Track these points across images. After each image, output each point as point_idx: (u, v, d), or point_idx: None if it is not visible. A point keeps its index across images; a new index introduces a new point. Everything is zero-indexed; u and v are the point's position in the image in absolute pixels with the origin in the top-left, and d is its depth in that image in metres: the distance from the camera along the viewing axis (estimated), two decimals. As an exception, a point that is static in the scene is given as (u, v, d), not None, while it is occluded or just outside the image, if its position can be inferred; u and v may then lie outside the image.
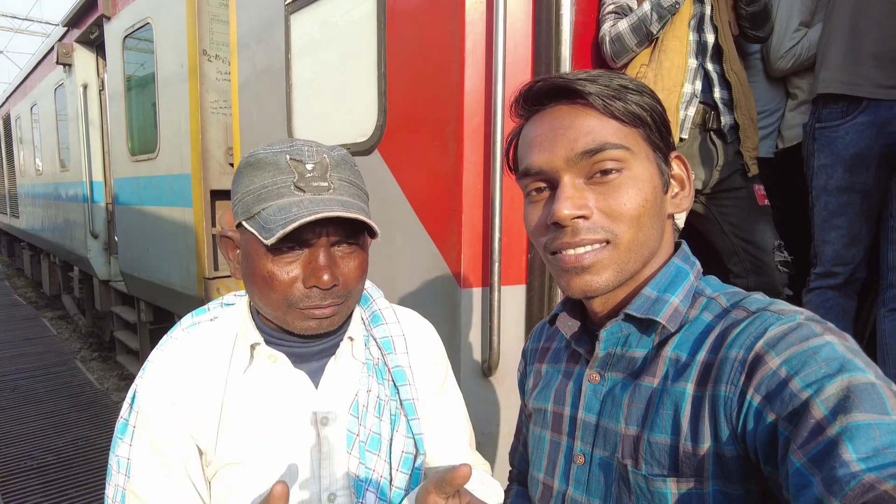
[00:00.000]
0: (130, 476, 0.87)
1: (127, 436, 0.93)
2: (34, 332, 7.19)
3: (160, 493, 0.84)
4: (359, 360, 0.91)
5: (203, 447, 0.84)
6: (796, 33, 2.08)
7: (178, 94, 3.58)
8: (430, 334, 1.02)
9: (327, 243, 0.79)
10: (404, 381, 0.91)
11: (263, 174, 0.78)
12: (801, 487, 0.49)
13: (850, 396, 0.50)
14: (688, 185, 0.75)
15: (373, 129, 1.97)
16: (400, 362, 0.91)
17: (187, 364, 0.87)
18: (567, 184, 0.68)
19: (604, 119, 0.68)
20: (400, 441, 0.89)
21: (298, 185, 0.77)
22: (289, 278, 0.78)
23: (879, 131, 1.71)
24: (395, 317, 0.97)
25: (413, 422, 0.90)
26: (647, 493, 0.65)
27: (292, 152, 0.78)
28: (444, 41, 1.68)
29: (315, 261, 0.78)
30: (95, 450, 3.90)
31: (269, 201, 0.76)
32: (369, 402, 0.88)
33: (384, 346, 0.92)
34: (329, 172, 0.79)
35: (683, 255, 0.75)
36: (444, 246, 1.73)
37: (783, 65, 2.12)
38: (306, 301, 0.79)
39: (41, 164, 7.72)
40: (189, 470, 0.85)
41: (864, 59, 1.73)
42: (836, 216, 1.79)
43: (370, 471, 0.86)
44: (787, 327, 0.59)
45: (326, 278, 0.77)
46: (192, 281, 3.57)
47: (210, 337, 0.90)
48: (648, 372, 0.69)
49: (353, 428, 0.86)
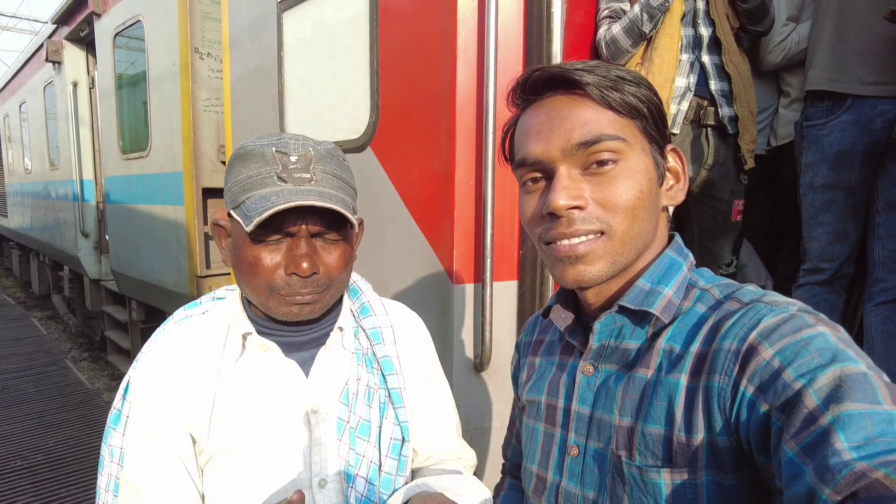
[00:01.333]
0: (124, 465, 0.88)
1: (120, 426, 0.94)
2: (23, 332, 7.12)
3: (153, 482, 0.85)
4: (348, 350, 0.93)
5: (196, 435, 0.86)
6: (784, 27, 2.09)
7: (169, 92, 3.56)
8: (418, 326, 1.05)
9: (307, 233, 0.82)
10: (392, 371, 0.93)
11: (250, 165, 0.81)
12: (793, 476, 0.50)
13: (843, 386, 0.51)
14: (683, 178, 0.75)
15: (365, 127, 1.97)
16: (388, 352, 0.94)
17: (180, 354, 0.89)
18: (563, 174, 0.68)
19: (601, 110, 0.68)
20: (388, 428, 0.92)
21: (281, 176, 0.80)
22: (271, 265, 0.82)
23: (863, 129, 1.74)
24: (384, 308, 0.99)
25: (399, 410, 0.92)
26: (640, 483, 0.66)
27: (278, 145, 0.82)
28: (436, 39, 1.69)
29: (295, 249, 0.81)
30: (86, 449, 3.87)
31: (252, 191, 0.80)
32: (359, 391, 0.90)
33: (373, 336, 0.94)
34: (313, 165, 0.82)
35: (677, 247, 0.75)
36: (436, 242, 1.74)
37: (773, 59, 2.13)
38: (287, 288, 0.82)
39: (30, 163, 7.64)
40: (183, 459, 0.86)
41: (849, 55, 1.75)
42: (822, 213, 1.82)
43: (360, 457, 0.88)
44: (781, 318, 0.59)
45: (305, 266, 0.80)
46: (185, 279, 3.56)
47: (202, 328, 0.92)
48: (642, 363, 0.69)
49: (343, 415, 0.89)
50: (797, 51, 2.07)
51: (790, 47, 2.08)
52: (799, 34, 2.07)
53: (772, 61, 2.13)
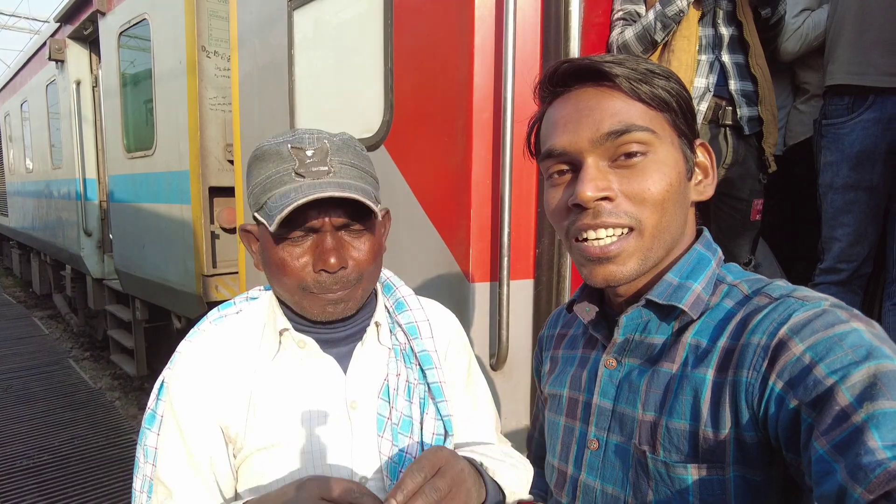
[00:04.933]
0: (157, 465, 0.87)
1: (155, 426, 0.93)
2: (25, 332, 7.10)
3: (185, 482, 0.84)
4: (385, 346, 0.93)
5: (232, 435, 0.85)
6: (798, 17, 2.07)
7: (175, 91, 3.55)
8: (453, 321, 1.04)
9: (332, 227, 0.80)
10: (431, 365, 0.92)
11: (268, 165, 0.81)
12: (824, 474, 0.49)
13: (877, 384, 0.50)
14: (711, 172, 0.75)
15: (379, 125, 1.97)
16: (426, 346, 0.93)
17: (215, 354, 0.88)
18: (591, 165, 0.67)
19: (630, 102, 0.67)
20: (430, 423, 0.91)
21: (298, 172, 0.79)
22: (299, 264, 0.81)
23: (886, 128, 1.71)
24: (419, 304, 0.98)
25: (441, 404, 0.91)
26: (667, 479, 0.65)
27: (293, 141, 0.81)
28: (452, 36, 1.68)
29: (322, 245, 0.80)
30: (91, 449, 3.86)
31: (272, 190, 0.79)
32: (399, 386, 0.90)
33: (409, 331, 0.93)
34: (329, 157, 0.81)
35: (706, 242, 0.74)
36: (452, 241, 1.73)
37: (790, 47, 2.09)
38: (318, 286, 0.81)
39: (32, 162, 7.62)
40: (214, 461, 0.85)
41: (871, 47, 1.71)
42: (843, 214, 1.80)
43: (403, 453, 0.87)
44: (812, 313, 0.58)
45: (333, 261, 0.79)
46: (191, 278, 3.55)
47: (237, 327, 0.91)
48: (667, 358, 0.69)
49: (384, 411, 0.88)
50: (814, 36, 2.04)
51: (806, 33, 2.05)
52: (814, 20, 2.04)
53: (789, 49, 2.10)
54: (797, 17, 2.08)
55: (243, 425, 0.84)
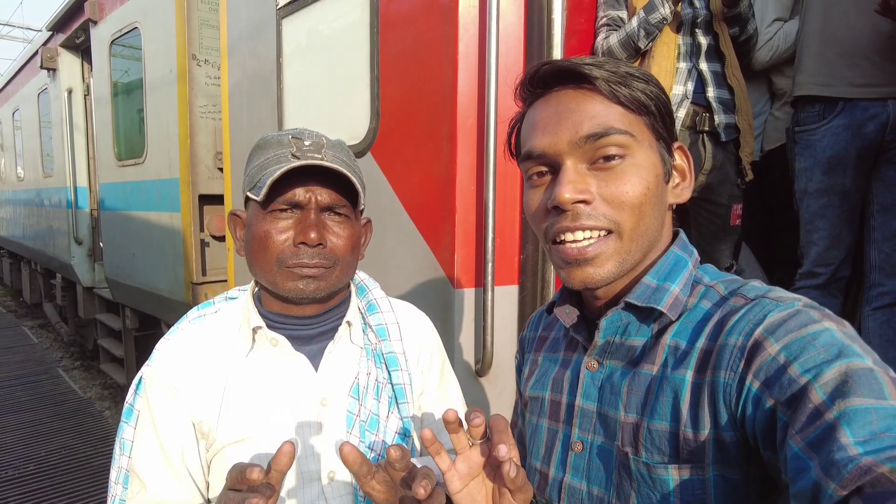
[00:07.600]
0: (132, 457, 0.90)
1: (132, 419, 0.96)
2: (15, 341, 7.05)
3: (158, 475, 0.87)
4: (357, 345, 0.96)
5: (205, 430, 0.88)
6: (770, 27, 2.12)
7: (166, 99, 3.55)
8: (425, 324, 1.07)
9: (316, 205, 0.86)
10: (396, 367, 0.95)
11: (267, 151, 0.88)
12: (799, 471, 0.50)
13: (849, 381, 0.51)
14: (689, 176, 0.75)
15: (365, 132, 1.98)
16: (393, 349, 0.96)
17: (192, 351, 0.91)
18: (569, 167, 0.67)
19: (609, 104, 0.67)
20: (394, 422, 0.94)
21: (295, 155, 0.86)
22: (281, 238, 0.86)
23: (855, 133, 1.74)
24: (391, 306, 1.01)
25: (402, 405, 0.94)
26: (648, 479, 0.66)
27: (294, 133, 0.89)
28: (437, 45, 1.70)
29: (305, 220, 0.86)
30: (79, 459, 3.82)
31: (268, 168, 0.86)
32: (369, 384, 0.93)
33: (379, 332, 0.96)
34: (325, 149, 0.88)
35: (682, 244, 0.75)
36: (437, 247, 1.74)
37: (762, 57, 2.14)
38: (294, 259, 0.86)
39: (23, 170, 7.59)
40: (185, 456, 0.88)
41: (837, 58, 1.75)
42: (818, 218, 1.82)
43: (369, 450, 0.90)
44: (786, 314, 0.59)
45: (313, 235, 0.84)
46: (180, 286, 3.54)
47: (214, 326, 0.95)
48: (647, 360, 0.69)
49: (353, 409, 0.91)
50: (784, 48, 2.10)
51: (778, 45, 2.11)
52: (786, 32, 2.09)
53: (760, 59, 2.15)
54: (769, 28, 2.12)
55: (216, 420, 0.87)
